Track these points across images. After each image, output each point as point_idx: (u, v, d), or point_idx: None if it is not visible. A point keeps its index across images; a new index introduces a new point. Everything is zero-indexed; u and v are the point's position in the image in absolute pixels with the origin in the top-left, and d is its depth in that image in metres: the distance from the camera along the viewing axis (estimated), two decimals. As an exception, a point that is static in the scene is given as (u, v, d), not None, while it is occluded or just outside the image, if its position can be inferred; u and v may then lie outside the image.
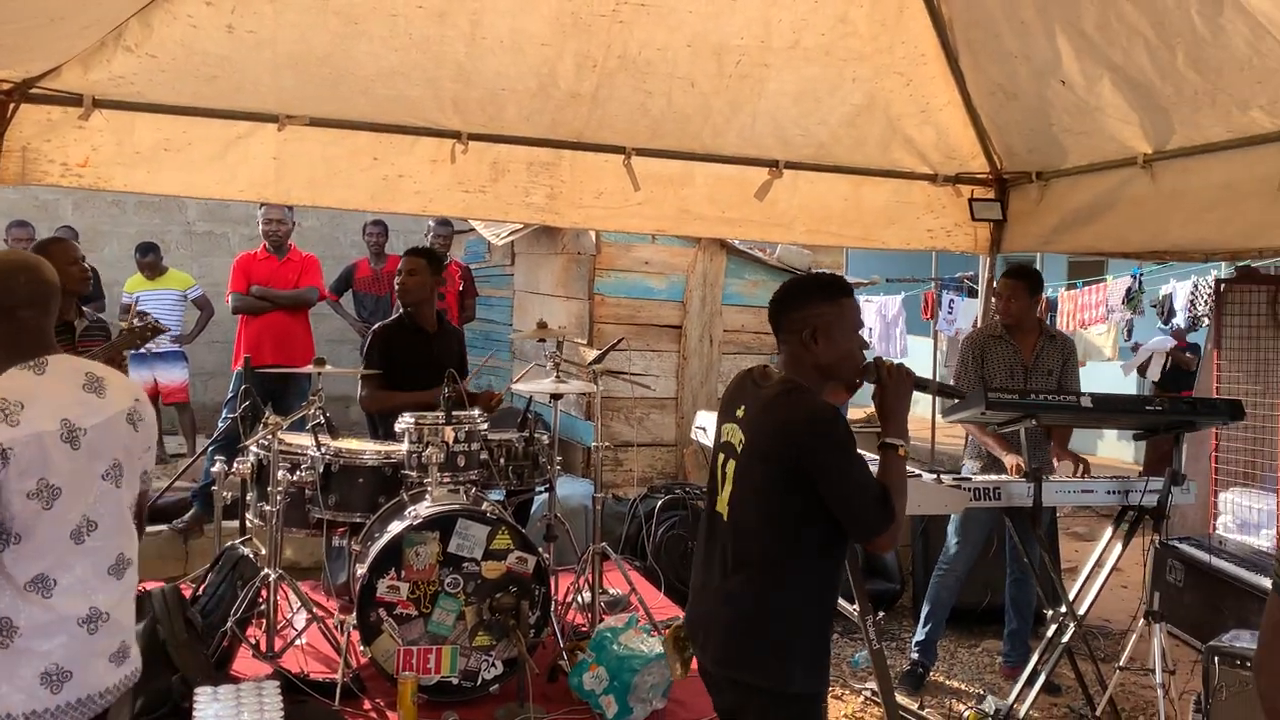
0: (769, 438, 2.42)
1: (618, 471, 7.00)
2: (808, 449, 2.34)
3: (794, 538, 2.40)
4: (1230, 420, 4.00)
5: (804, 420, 2.37)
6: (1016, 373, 4.65)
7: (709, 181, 5.09)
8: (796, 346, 2.51)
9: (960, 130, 5.10)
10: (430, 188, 4.64)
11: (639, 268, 7.07)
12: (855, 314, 2.56)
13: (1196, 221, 4.31)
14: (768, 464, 2.41)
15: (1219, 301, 6.36)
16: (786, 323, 2.54)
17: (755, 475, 2.45)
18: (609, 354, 5.01)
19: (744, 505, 2.47)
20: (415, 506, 3.96)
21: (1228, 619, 4.66)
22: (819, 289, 2.54)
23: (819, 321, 2.48)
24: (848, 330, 2.51)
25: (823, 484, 2.34)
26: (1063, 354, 4.74)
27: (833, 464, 2.34)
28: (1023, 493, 3.90)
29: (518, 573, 3.89)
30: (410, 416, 4.23)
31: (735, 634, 2.44)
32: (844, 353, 2.51)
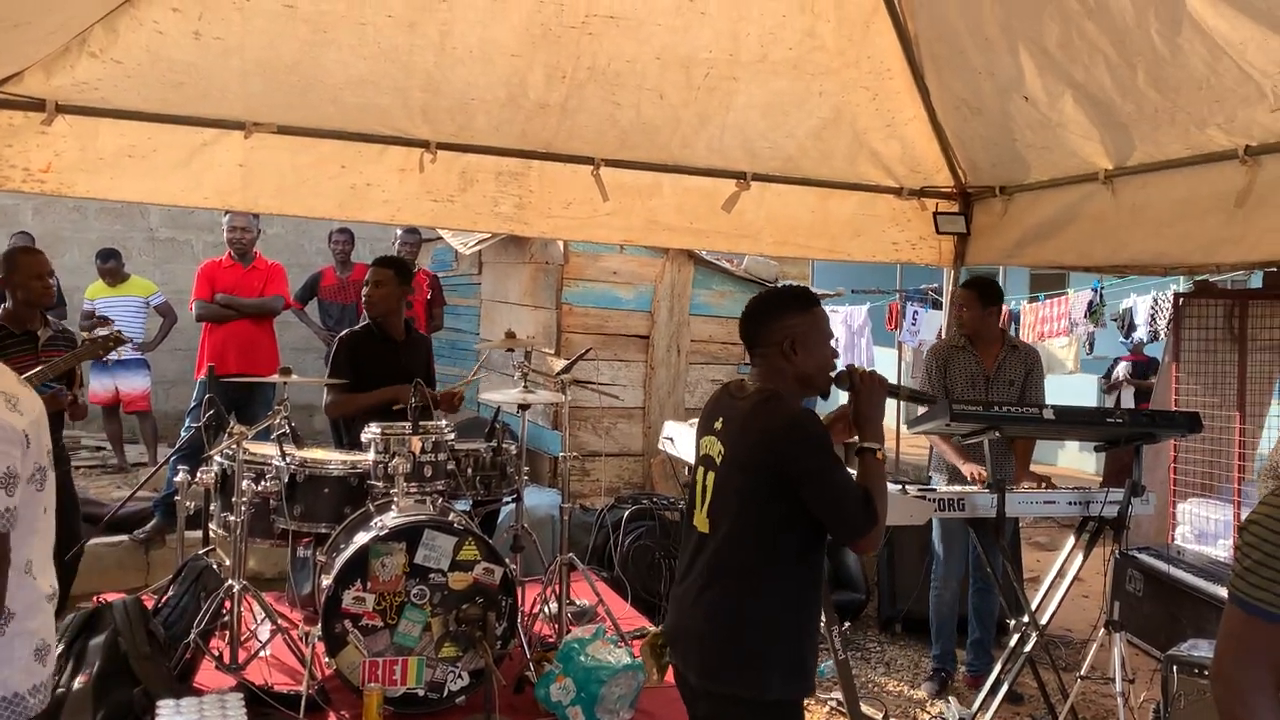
0: (749, 446, 2.45)
1: (585, 481, 7.00)
2: (789, 455, 2.37)
3: (773, 546, 2.43)
4: (1188, 432, 4.07)
5: (784, 426, 2.40)
6: (978, 382, 4.72)
7: (677, 192, 5.11)
8: (775, 358, 2.54)
9: (925, 144, 5.16)
10: (398, 197, 4.62)
11: (607, 278, 7.07)
12: (826, 322, 2.62)
13: (1156, 236, 4.38)
14: (747, 473, 2.44)
15: (1177, 315, 6.46)
16: (763, 335, 2.57)
17: (735, 484, 2.47)
18: (577, 364, 5.00)
19: (723, 515, 2.49)
20: (381, 517, 3.93)
21: (1186, 628, 4.73)
22: (792, 300, 2.59)
23: (795, 332, 2.53)
24: (821, 339, 2.57)
25: (806, 488, 2.37)
26: (1026, 364, 4.81)
27: (816, 467, 2.37)
28: (987, 503, 3.94)
29: (484, 584, 3.88)
30: (376, 426, 4.20)
31: (715, 644, 2.46)
32: (820, 361, 2.57)
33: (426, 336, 5.38)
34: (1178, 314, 6.45)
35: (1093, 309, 10.27)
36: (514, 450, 4.63)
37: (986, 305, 4.78)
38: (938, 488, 4.21)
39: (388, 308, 4.88)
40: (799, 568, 2.46)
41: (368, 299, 4.88)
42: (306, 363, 9.63)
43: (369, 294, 4.87)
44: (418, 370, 4.83)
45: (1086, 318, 10.32)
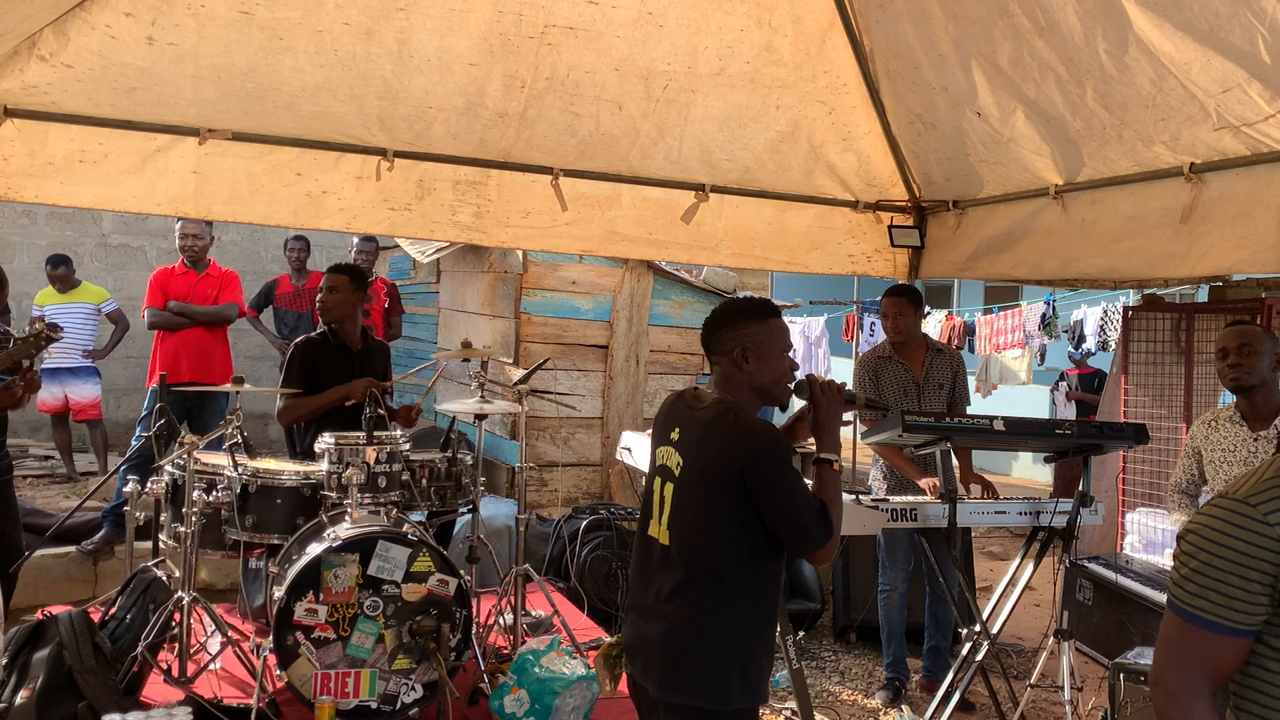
0: (710, 458, 2.46)
1: (542, 492, 6.98)
2: (749, 465, 2.38)
3: (732, 557, 2.44)
4: (1135, 443, 4.14)
5: (745, 437, 2.41)
6: (910, 390, 4.78)
7: (636, 203, 5.12)
8: (729, 366, 2.56)
9: (881, 159, 5.21)
10: (355, 204, 4.59)
11: (566, 287, 7.07)
12: (784, 335, 2.62)
13: (1105, 251, 4.46)
14: (708, 483, 2.45)
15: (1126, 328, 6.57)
16: (719, 343, 2.59)
17: (695, 496, 2.48)
18: (535, 373, 4.99)
19: (682, 527, 2.50)
20: (334, 528, 3.90)
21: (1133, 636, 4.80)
22: (749, 310, 2.60)
23: (749, 341, 2.55)
24: (777, 349, 2.58)
25: (765, 499, 2.38)
26: (951, 368, 4.90)
27: (775, 479, 2.38)
28: (938, 514, 3.98)
29: (439, 595, 3.85)
30: (330, 436, 4.17)
31: (676, 656, 2.46)
32: (774, 371, 2.57)
33: (384, 344, 5.34)
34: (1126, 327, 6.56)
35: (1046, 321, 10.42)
36: (470, 460, 4.61)
37: (917, 309, 4.86)
38: (889, 497, 4.24)
39: (342, 313, 4.84)
40: (758, 578, 2.47)
41: (322, 304, 4.83)
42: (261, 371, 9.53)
43: (323, 300, 4.83)
44: (374, 377, 4.79)
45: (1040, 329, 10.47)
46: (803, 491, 2.42)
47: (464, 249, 7.60)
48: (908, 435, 3.91)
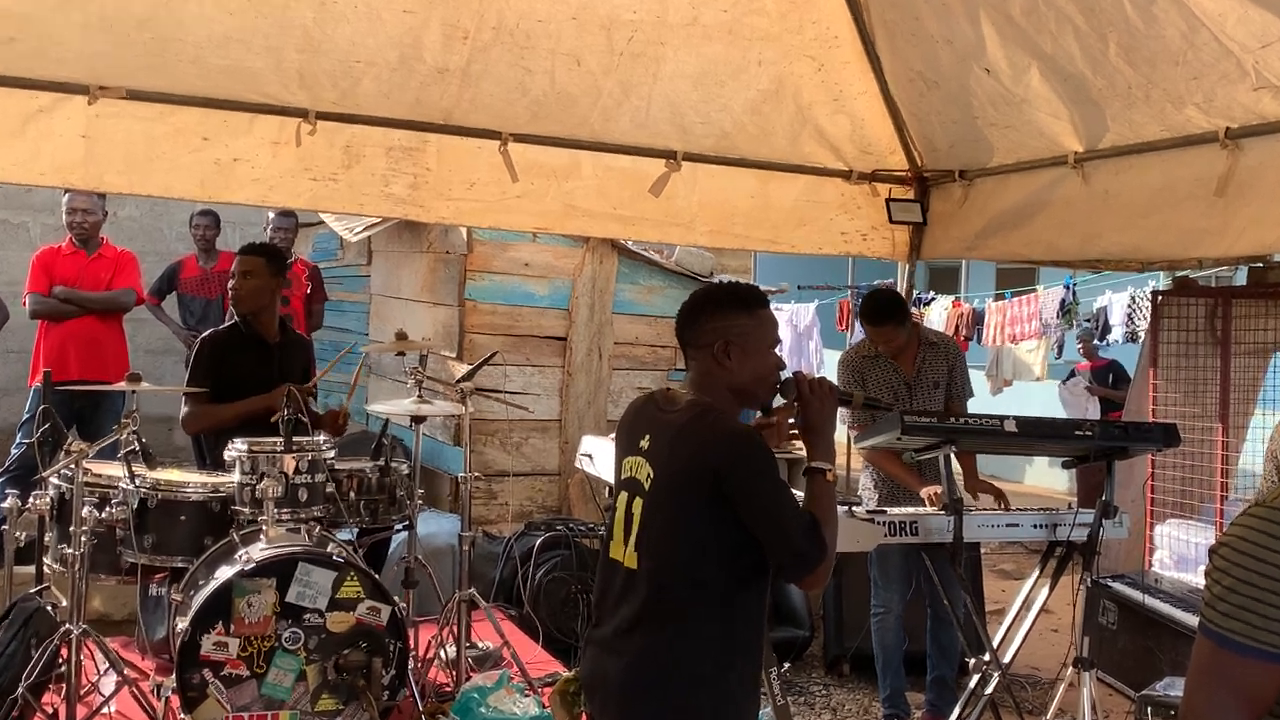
0: (683, 466, 2.46)
1: (490, 505, 6.96)
2: (729, 474, 2.38)
3: (709, 582, 2.44)
4: (1165, 446, 4.18)
5: (723, 444, 2.42)
6: (900, 392, 4.82)
7: (598, 173, 5.12)
8: (707, 362, 2.56)
9: (877, 122, 5.24)
10: (271, 174, 4.57)
11: (517, 270, 7.06)
12: (773, 328, 2.63)
13: (1131, 227, 4.50)
14: (682, 497, 2.45)
15: (1155, 315, 6.64)
16: (696, 335, 2.59)
17: (666, 513, 2.48)
18: (481, 369, 4.98)
19: (654, 548, 2.49)
20: (247, 548, 3.88)
21: (1163, 665, 4.86)
22: (734, 299, 2.60)
23: (733, 334, 2.54)
24: (762, 345, 2.58)
25: (747, 514, 2.39)
26: (947, 360, 4.92)
27: (758, 491, 2.39)
28: (942, 527, 4.00)
29: (369, 625, 3.84)
30: (242, 443, 4.14)
31: (640, 694, 2.46)
32: (759, 369, 2.57)
33: (306, 338, 5.31)
34: (1155, 314, 6.63)
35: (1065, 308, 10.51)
36: (406, 470, 4.59)
37: (905, 323, 4.84)
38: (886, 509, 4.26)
39: (258, 303, 4.81)
40: (738, 604, 2.47)
41: (234, 292, 4.79)
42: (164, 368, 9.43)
43: (236, 286, 4.78)
44: (295, 377, 4.76)
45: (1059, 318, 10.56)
46: (791, 505, 2.42)
47: (399, 226, 7.56)
48: (907, 439, 3.93)
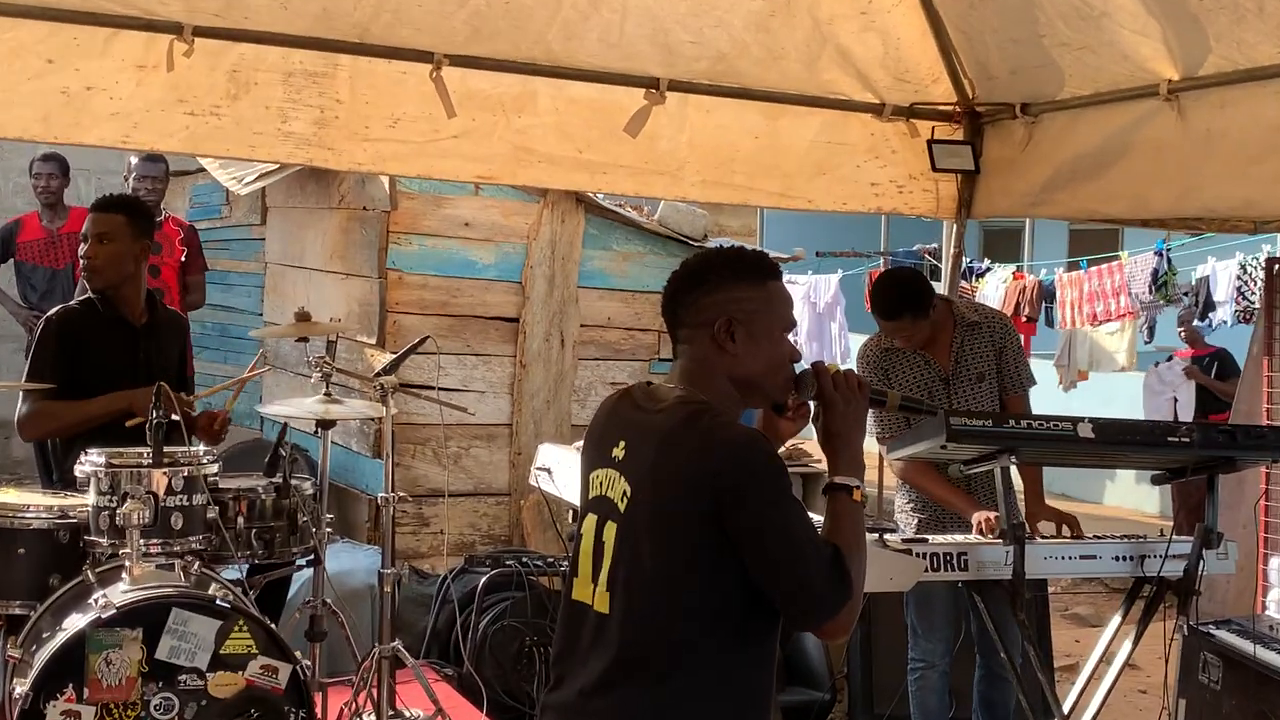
0: (671, 486, 2.46)
1: (421, 535, 6.95)
2: (731, 494, 2.39)
3: (700, 629, 2.45)
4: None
5: (723, 455, 2.42)
6: (935, 389, 4.78)
7: (559, 106, 5.12)
8: (705, 346, 2.57)
9: (916, 41, 5.24)
10: (135, 107, 4.56)
11: (455, 232, 7.03)
12: (788, 307, 2.65)
13: (1240, 176, 4.52)
14: (668, 524, 2.45)
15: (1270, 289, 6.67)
16: (691, 312, 2.60)
17: (649, 540, 2.48)
18: (408, 359, 4.96)
19: (630, 586, 2.49)
20: (105, 591, 3.85)
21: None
22: (741, 267, 2.62)
23: (738, 310, 2.55)
24: (775, 326, 2.60)
25: (753, 543, 2.39)
26: (994, 342, 4.85)
27: (767, 517, 2.39)
28: (998, 560, 4.02)
29: (264, 688, 3.83)
30: (99, 454, 4.11)
31: None
32: (772, 357, 2.59)
33: (180, 316, 5.28)
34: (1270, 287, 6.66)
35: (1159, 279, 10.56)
36: (311, 489, 4.57)
37: (925, 312, 4.78)
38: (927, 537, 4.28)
39: (119, 274, 4.78)
40: (738, 661, 2.48)
41: (87, 261, 4.76)
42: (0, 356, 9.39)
43: (89, 253, 4.75)
44: (165, 367, 4.74)
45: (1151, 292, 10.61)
46: (810, 537, 2.43)
47: (301, 175, 7.52)
48: (954, 447, 3.94)
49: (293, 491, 4.50)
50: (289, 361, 7.79)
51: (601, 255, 7.37)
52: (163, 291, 6.84)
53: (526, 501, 7.07)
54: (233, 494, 4.38)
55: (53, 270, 7.18)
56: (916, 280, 4.91)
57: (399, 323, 6.88)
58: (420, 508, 6.91)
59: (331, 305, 7.26)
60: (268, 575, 4.62)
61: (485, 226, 7.08)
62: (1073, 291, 11.20)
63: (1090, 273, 11.11)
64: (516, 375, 7.17)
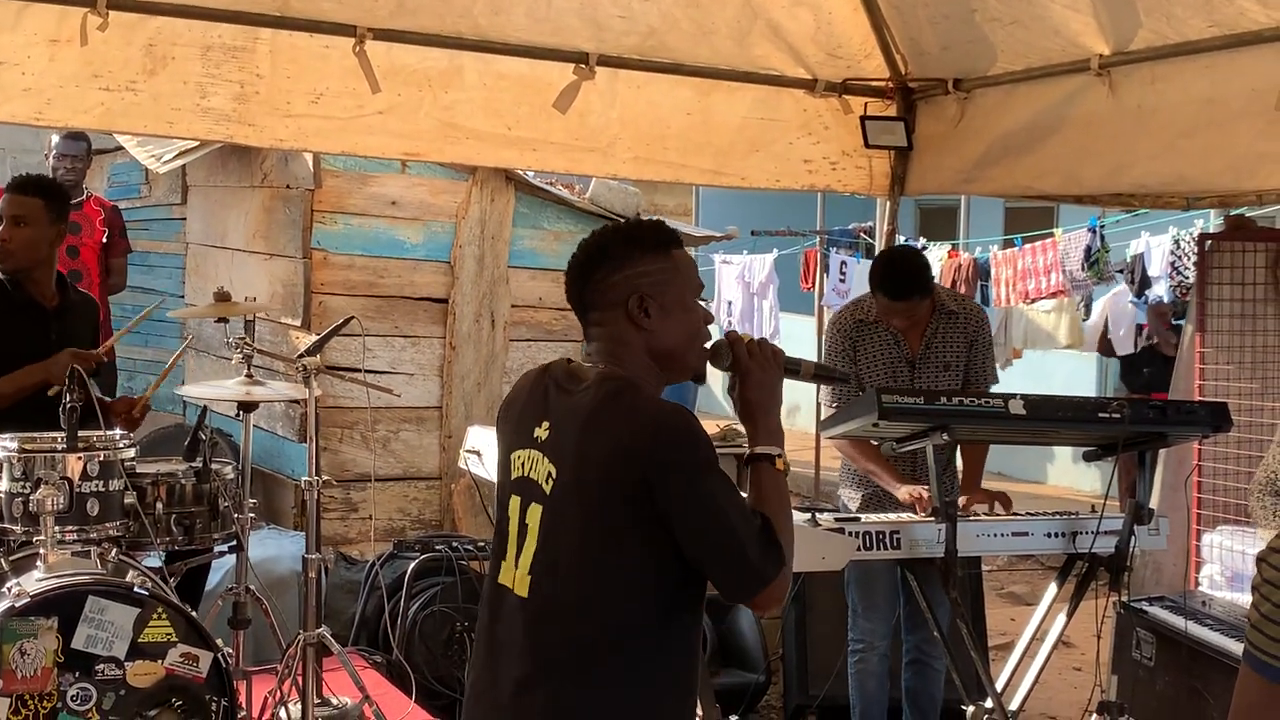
0: (597, 467, 2.46)
1: (350, 520, 6.92)
2: (658, 470, 2.39)
3: (628, 612, 2.45)
4: (1213, 431, 4.26)
5: (649, 431, 2.42)
6: (898, 370, 4.80)
7: (486, 82, 5.11)
8: (620, 325, 2.57)
9: (848, 16, 5.26)
10: (48, 83, 4.52)
11: (382, 211, 7.00)
12: (692, 271, 2.65)
13: (1171, 151, 4.58)
14: (596, 502, 2.45)
15: (1202, 264, 6.75)
16: (600, 293, 2.59)
17: (573, 522, 2.48)
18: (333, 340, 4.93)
19: (555, 570, 2.50)
20: (19, 579, 3.82)
21: (1212, 710, 4.96)
22: (640, 240, 2.61)
23: (647, 284, 2.55)
24: (685, 293, 2.61)
25: (680, 521, 2.40)
26: (967, 334, 4.89)
27: (695, 490, 2.39)
28: (930, 538, 4.05)
29: (185, 677, 3.81)
30: (10, 438, 4.08)
31: None
32: (687, 326, 2.60)
33: (91, 299, 5.21)
34: (1203, 263, 6.74)
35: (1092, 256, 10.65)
36: (232, 474, 4.56)
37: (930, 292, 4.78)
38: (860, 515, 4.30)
39: (33, 257, 4.74)
40: (665, 643, 2.48)
41: (2, 246, 4.71)
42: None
43: (4, 235, 4.71)
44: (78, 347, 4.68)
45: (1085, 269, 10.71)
46: (739, 505, 2.44)
47: (222, 153, 7.44)
48: (886, 425, 3.96)
49: (213, 476, 4.48)
50: (210, 344, 7.72)
51: (532, 234, 7.36)
52: (81, 274, 6.76)
53: (457, 485, 7.06)
54: (151, 479, 4.36)
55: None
56: (922, 259, 4.94)
57: (325, 304, 6.84)
58: (348, 493, 6.88)
59: (255, 286, 7.20)
60: (188, 562, 4.61)
61: (413, 205, 7.05)
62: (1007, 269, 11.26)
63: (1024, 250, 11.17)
64: (446, 357, 7.15)
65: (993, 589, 8.09)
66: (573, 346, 7.40)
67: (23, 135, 8.96)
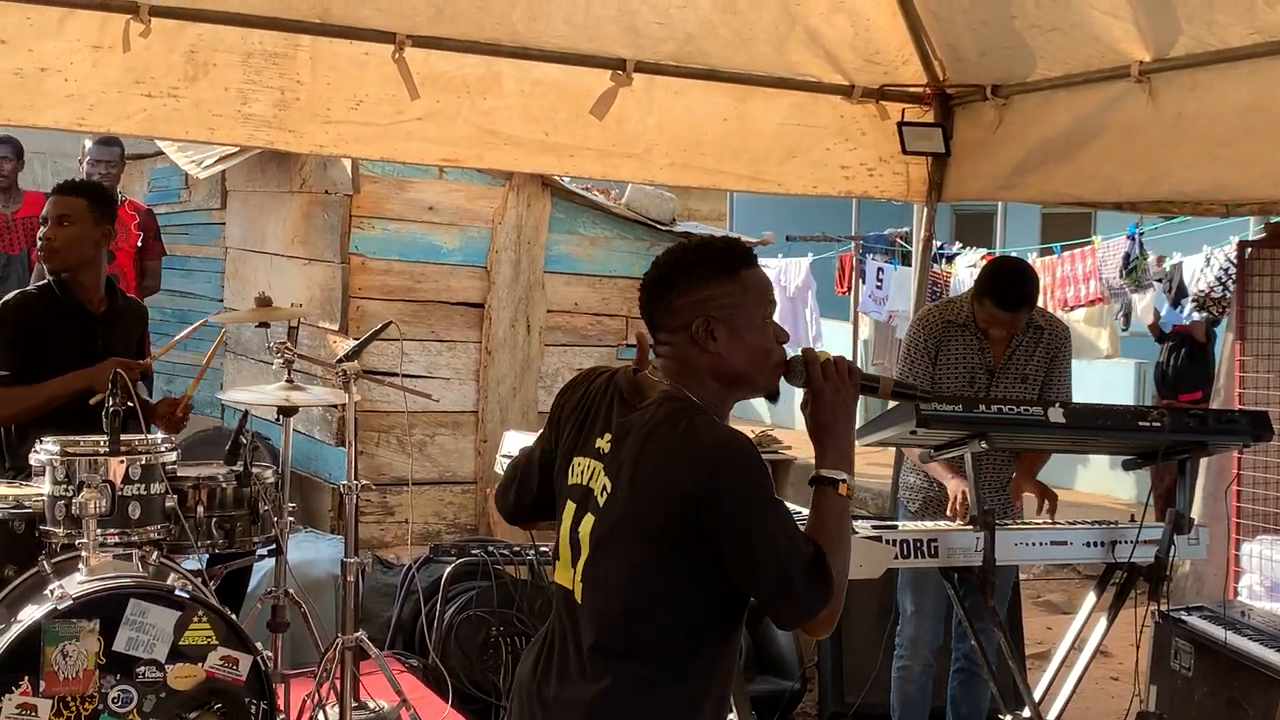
0: (651, 483, 2.45)
1: (385, 524, 6.94)
2: (712, 499, 2.38)
3: (670, 627, 2.46)
4: (1254, 440, 4.23)
5: (706, 457, 2.41)
6: (977, 376, 4.78)
7: (524, 88, 5.12)
8: (686, 346, 2.55)
9: (887, 22, 5.26)
10: (91, 89, 4.55)
11: (419, 216, 7.02)
12: (766, 293, 2.61)
13: (1210, 159, 4.55)
14: (647, 522, 2.46)
15: (1242, 273, 6.71)
16: (667, 317, 2.57)
17: (623, 539, 2.48)
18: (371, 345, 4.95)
19: (605, 580, 2.51)
20: (62, 581, 3.82)
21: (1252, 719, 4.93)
22: (709, 262, 2.57)
23: (715, 308, 2.53)
24: (758, 315, 2.57)
25: (729, 549, 2.39)
26: (1050, 350, 4.83)
27: (747, 518, 2.39)
28: (969, 546, 4.04)
29: (224, 680, 3.82)
30: (54, 442, 4.09)
31: None
32: (754, 347, 2.56)
33: (141, 305, 5.25)
34: (1242, 272, 6.71)
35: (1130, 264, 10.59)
36: (272, 478, 4.56)
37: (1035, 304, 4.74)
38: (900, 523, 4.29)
39: (78, 258, 4.76)
40: (704, 654, 2.49)
41: (47, 244, 4.74)
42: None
43: (50, 234, 4.74)
44: (124, 356, 4.71)
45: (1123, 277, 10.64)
46: (791, 535, 2.42)
47: (262, 159, 7.49)
48: (924, 433, 3.95)
49: (254, 480, 4.48)
50: (250, 348, 7.76)
51: (568, 239, 7.37)
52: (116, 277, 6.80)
53: (493, 490, 7.06)
54: (192, 482, 4.37)
55: (7, 256, 7.14)
56: (1034, 272, 4.90)
57: (362, 308, 6.86)
58: (384, 496, 6.91)
59: (293, 291, 7.23)
60: (228, 565, 4.61)
61: (450, 210, 7.07)
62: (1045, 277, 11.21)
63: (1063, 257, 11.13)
64: (482, 362, 7.16)
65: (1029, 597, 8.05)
66: (608, 352, 7.42)
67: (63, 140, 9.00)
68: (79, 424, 4.36)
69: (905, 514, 5.05)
